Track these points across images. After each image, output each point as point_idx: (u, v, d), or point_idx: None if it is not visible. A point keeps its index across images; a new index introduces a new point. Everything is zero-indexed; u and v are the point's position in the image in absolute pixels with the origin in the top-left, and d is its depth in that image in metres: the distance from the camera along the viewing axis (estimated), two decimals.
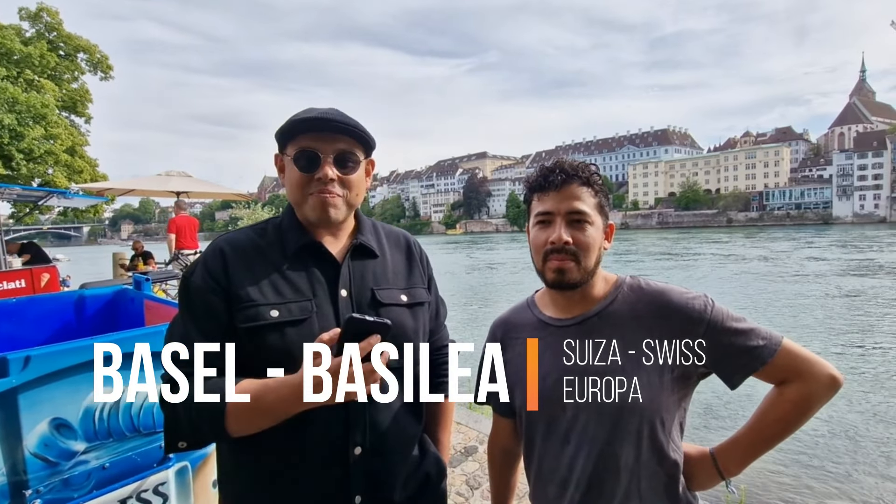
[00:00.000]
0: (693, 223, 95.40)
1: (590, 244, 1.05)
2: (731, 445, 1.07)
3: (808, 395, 0.98)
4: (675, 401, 1.04)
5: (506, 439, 1.28)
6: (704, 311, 1.02)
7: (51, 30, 18.26)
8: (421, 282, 1.21)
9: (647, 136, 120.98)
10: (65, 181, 16.57)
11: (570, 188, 1.06)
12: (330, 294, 1.05)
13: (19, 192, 8.31)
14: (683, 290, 1.06)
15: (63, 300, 2.66)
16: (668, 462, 1.03)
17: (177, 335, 0.99)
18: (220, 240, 1.08)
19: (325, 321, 1.01)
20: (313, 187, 1.04)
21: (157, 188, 9.33)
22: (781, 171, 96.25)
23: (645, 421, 1.01)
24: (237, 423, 0.90)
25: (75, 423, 1.51)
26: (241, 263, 1.03)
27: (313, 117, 1.03)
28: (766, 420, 1.03)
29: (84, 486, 1.55)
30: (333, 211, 1.06)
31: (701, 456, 1.09)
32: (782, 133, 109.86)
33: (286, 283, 1.02)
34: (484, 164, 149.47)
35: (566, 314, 1.12)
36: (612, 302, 1.09)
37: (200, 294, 1.00)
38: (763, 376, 1.02)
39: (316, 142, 1.04)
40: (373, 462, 1.03)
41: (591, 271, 1.07)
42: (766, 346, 0.99)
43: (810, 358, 0.99)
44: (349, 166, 1.07)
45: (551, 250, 1.05)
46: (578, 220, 1.05)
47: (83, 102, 19.80)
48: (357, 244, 1.12)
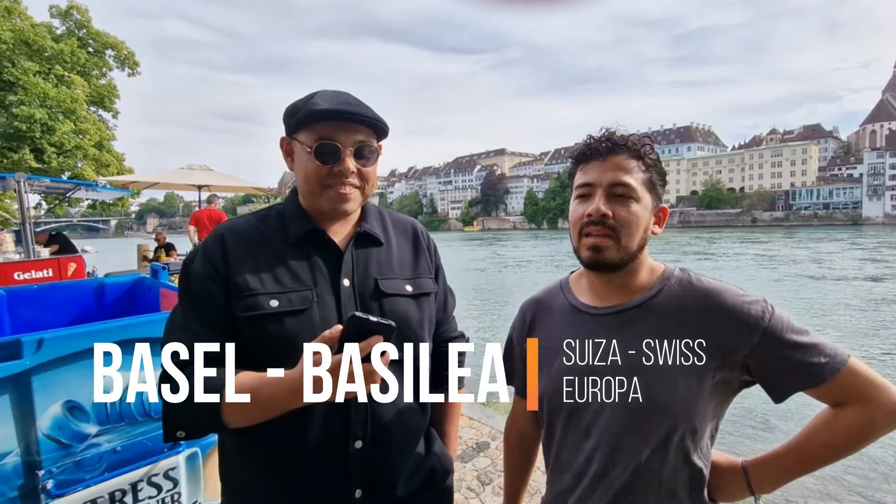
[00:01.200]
0: (716, 222, 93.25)
1: (632, 222, 0.95)
2: (767, 461, 0.98)
3: (869, 421, 0.88)
4: (712, 408, 0.95)
5: (524, 423, 1.23)
6: (762, 317, 0.91)
7: (80, 27, 18.74)
8: (428, 271, 1.18)
9: (670, 133, 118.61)
10: (93, 174, 17.02)
11: (616, 158, 0.96)
12: (332, 283, 1.02)
13: (48, 184, 8.56)
14: (741, 292, 0.95)
15: (84, 287, 2.72)
16: (693, 470, 0.96)
17: (177, 324, 0.98)
18: (222, 227, 1.06)
19: (326, 311, 0.99)
20: (331, 179, 1.01)
21: (180, 182, 9.52)
22: (809, 170, 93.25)
23: (675, 425, 0.93)
24: (234, 416, 0.89)
25: (88, 407, 1.53)
26: (241, 251, 1.01)
27: (335, 109, 0.98)
28: (813, 442, 0.93)
29: (96, 468, 1.57)
30: (349, 204, 1.04)
31: (731, 467, 1.01)
32: (810, 130, 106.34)
33: (287, 272, 1.00)
34: (502, 161, 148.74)
35: (603, 302, 1.03)
36: (657, 294, 0.99)
37: (199, 282, 0.98)
38: (819, 395, 0.92)
39: (336, 132, 1.00)
40: (374, 456, 1.01)
41: (633, 254, 0.97)
42: (828, 364, 0.89)
43: (877, 381, 0.89)
44: (368, 157, 1.04)
45: (588, 223, 0.96)
46: (622, 195, 0.95)
47: (111, 98, 20.31)
48: (361, 232, 1.09)
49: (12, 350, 1.38)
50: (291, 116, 1.03)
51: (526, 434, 1.24)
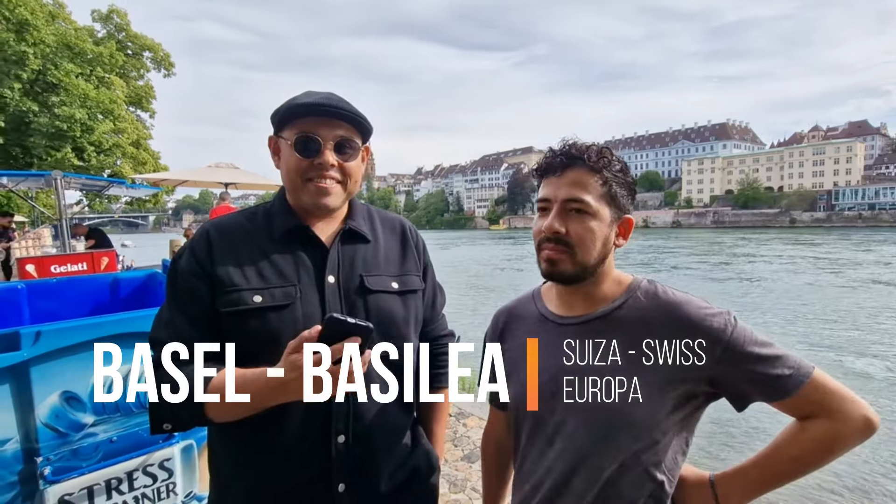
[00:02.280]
0: (752, 223, 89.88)
1: (586, 237, 0.95)
2: (735, 475, 0.96)
3: (835, 435, 0.87)
4: (677, 421, 0.94)
5: (500, 432, 1.22)
6: (724, 330, 0.91)
7: (120, 30, 19.59)
8: (415, 269, 1.18)
9: (704, 130, 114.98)
10: (131, 172, 17.77)
11: (572, 173, 0.96)
12: (316, 280, 1.03)
13: (84, 181, 8.97)
14: (704, 304, 0.95)
15: (99, 282, 2.83)
16: (655, 483, 0.95)
17: (163, 320, 1.01)
18: (208, 224, 1.08)
19: (309, 307, 1.00)
20: (312, 173, 1.03)
21: (206, 179, 9.79)
22: (854, 169, 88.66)
23: (635, 436, 0.93)
24: (215, 412, 0.92)
25: (84, 397, 1.60)
26: (226, 247, 1.02)
27: (315, 102, 1.01)
28: (780, 455, 0.92)
29: (92, 456, 1.63)
30: (330, 198, 1.05)
31: (698, 481, 0.99)
32: (856, 127, 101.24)
33: (271, 268, 1.02)
34: (529, 159, 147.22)
35: (569, 311, 1.04)
36: (621, 306, 0.99)
37: (185, 278, 1.01)
38: (784, 408, 0.91)
39: (316, 127, 1.02)
40: (357, 451, 1.01)
41: (591, 268, 0.98)
42: (792, 376, 0.88)
43: (843, 394, 0.88)
44: (348, 153, 1.05)
45: (544, 238, 0.97)
46: (577, 210, 0.95)
47: (147, 98, 21.18)
48: (347, 229, 1.10)
49: (11, 342, 1.45)
50: (276, 115, 1.05)
51: (502, 443, 1.23)
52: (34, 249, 10.34)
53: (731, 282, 20.87)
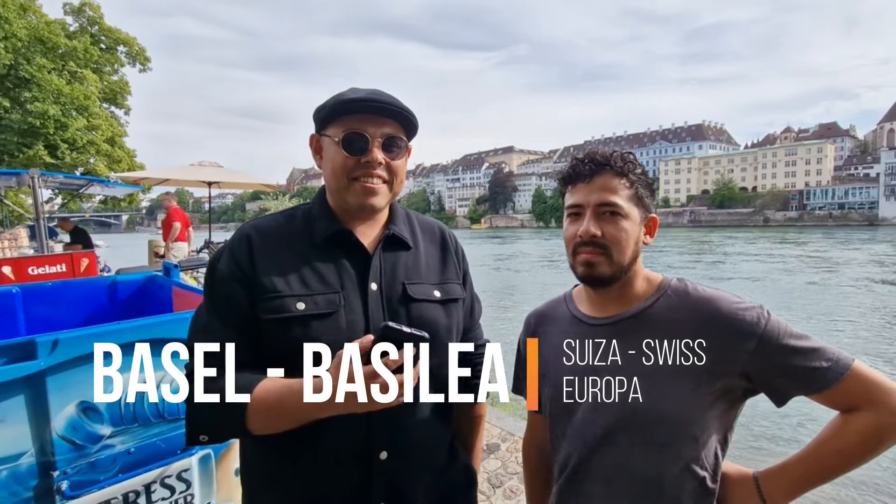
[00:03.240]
0: (727, 222, 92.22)
1: (621, 238, 0.98)
2: (779, 471, 0.97)
3: (880, 427, 0.88)
4: (715, 418, 0.95)
5: (541, 438, 1.21)
6: (757, 323, 0.92)
7: (93, 24, 18.95)
8: (456, 276, 1.15)
9: (681, 131, 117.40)
10: (105, 170, 17.25)
11: (601, 179, 1.00)
12: (359, 287, 1.00)
13: (62, 179, 8.66)
14: (736, 299, 0.97)
15: (96, 285, 2.73)
16: (697, 480, 0.95)
17: (200, 325, 0.97)
18: (248, 226, 1.04)
19: (352, 315, 0.97)
20: (359, 171, 0.99)
21: (190, 178, 9.56)
22: (824, 169, 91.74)
23: (674, 434, 0.94)
24: (258, 422, 0.87)
25: (102, 408, 1.52)
26: (267, 251, 0.99)
27: (362, 98, 0.97)
28: (825, 450, 0.93)
29: (110, 469, 1.56)
30: (377, 198, 1.01)
31: (742, 478, 1.00)
32: (826, 129, 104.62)
33: (313, 274, 0.98)
34: (510, 159, 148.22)
35: (601, 312, 1.06)
36: (653, 304, 1.02)
37: (224, 282, 0.97)
38: (825, 401, 0.92)
39: (364, 124, 0.98)
40: (397, 467, 0.98)
41: (626, 267, 1.01)
42: (830, 368, 0.89)
43: (885, 385, 0.88)
44: (395, 151, 1.02)
45: (580, 242, 1.00)
46: (611, 213, 0.99)
47: (123, 94, 20.55)
48: (390, 234, 1.07)
49: (27, 350, 1.37)
50: (320, 112, 1.02)
51: (544, 448, 1.21)
52: (10, 251, 9.93)
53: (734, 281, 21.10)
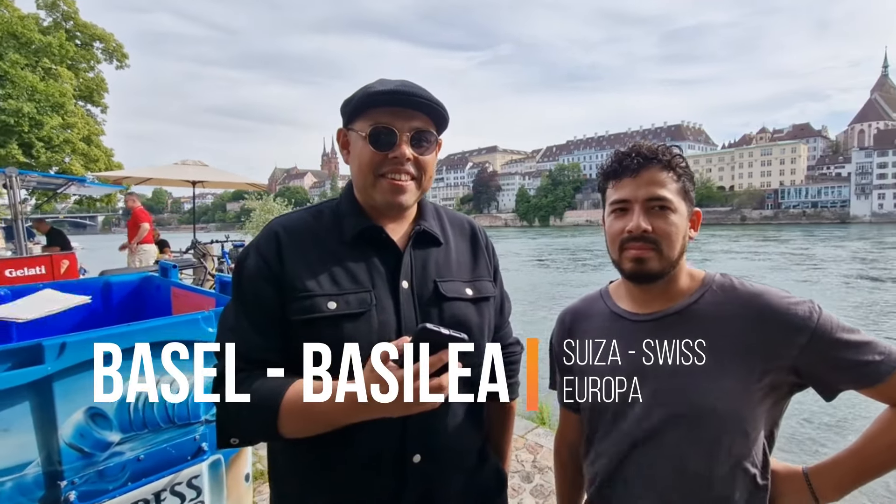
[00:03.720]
0: (705, 221, 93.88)
1: (672, 232, 0.96)
2: (830, 467, 0.97)
3: None
4: (763, 412, 0.94)
5: (574, 436, 1.19)
6: (810, 318, 0.91)
7: (67, 19, 18.38)
8: (487, 273, 1.12)
9: (661, 131, 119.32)
10: (81, 170, 16.76)
11: (648, 173, 0.97)
12: (390, 285, 0.96)
13: (39, 179, 8.37)
14: (785, 294, 0.95)
15: (89, 287, 2.63)
16: (748, 476, 0.94)
17: (228, 324, 0.93)
18: (275, 223, 1.00)
19: (384, 315, 0.93)
20: (386, 167, 0.95)
21: (174, 177, 9.35)
22: (798, 169, 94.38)
23: (724, 431, 0.92)
24: (290, 426, 0.84)
25: (110, 413, 1.46)
26: (296, 249, 0.95)
27: (390, 90, 0.93)
28: (877, 444, 0.93)
29: (119, 477, 1.50)
30: (405, 196, 0.97)
31: (792, 475, 0.99)
32: (800, 129, 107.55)
33: (344, 272, 0.94)
34: (494, 159, 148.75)
35: (644, 308, 1.04)
36: (698, 300, 1.00)
37: (252, 281, 0.93)
38: (877, 395, 0.91)
39: (392, 117, 0.94)
40: (430, 470, 0.95)
41: (674, 262, 0.99)
42: (883, 362, 0.89)
43: None
44: (424, 146, 0.98)
45: (629, 238, 0.97)
46: (660, 207, 0.96)
47: (99, 92, 19.98)
48: (420, 231, 1.03)
49: (34, 355, 1.31)
50: (348, 105, 0.98)
51: (575, 447, 1.20)
52: None
53: None
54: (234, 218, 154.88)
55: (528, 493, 2.99)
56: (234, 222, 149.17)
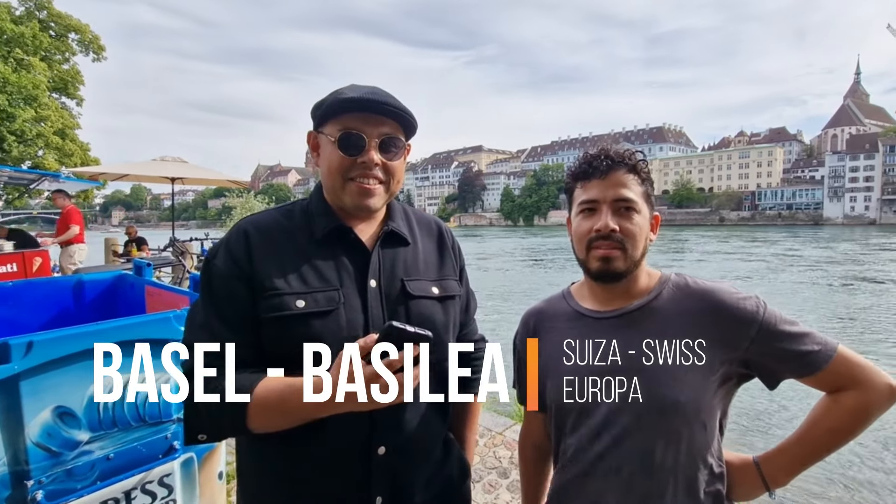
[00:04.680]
0: (685, 221, 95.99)
1: (636, 233, 1.01)
2: (778, 454, 1.03)
3: (866, 404, 0.94)
4: (717, 402, 1.00)
5: (538, 435, 1.23)
6: (757, 312, 0.97)
7: (41, 8, 17.88)
8: (453, 273, 1.15)
9: (643, 133, 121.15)
10: (55, 164, 16.32)
11: (616, 175, 1.02)
12: (358, 284, 0.99)
13: (10, 174, 8.14)
14: (734, 290, 1.01)
15: (61, 285, 2.58)
16: (707, 466, 0.99)
17: (197, 322, 0.94)
18: (245, 221, 1.02)
19: (352, 313, 0.96)
20: (355, 172, 0.98)
21: (152, 173, 9.19)
22: (774, 172, 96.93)
23: (685, 422, 0.97)
24: (260, 421, 0.86)
25: (79, 412, 1.45)
26: (266, 248, 0.97)
27: (360, 97, 0.95)
28: (818, 429, 0.99)
29: (88, 476, 1.49)
30: (373, 199, 1.00)
31: (743, 464, 1.05)
32: (776, 133, 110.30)
33: (312, 271, 0.96)
34: (479, 158, 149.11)
35: (606, 306, 1.08)
36: (656, 297, 1.05)
37: (223, 279, 0.94)
38: (815, 383, 0.98)
39: (361, 123, 0.97)
40: (396, 462, 0.98)
41: (638, 262, 1.03)
42: (820, 351, 0.95)
43: (867, 365, 0.95)
44: (393, 151, 1.01)
45: (596, 237, 1.01)
46: (626, 208, 1.01)
47: (74, 84, 19.49)
48: (388, 231, 1.06)
49: (0, 354, 1.29)
50: (318, 109, 1.00)
51: (541, 446, 1.23)
52: None
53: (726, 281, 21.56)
54: (216, 215, 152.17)
55: (504, 488, 3.04)
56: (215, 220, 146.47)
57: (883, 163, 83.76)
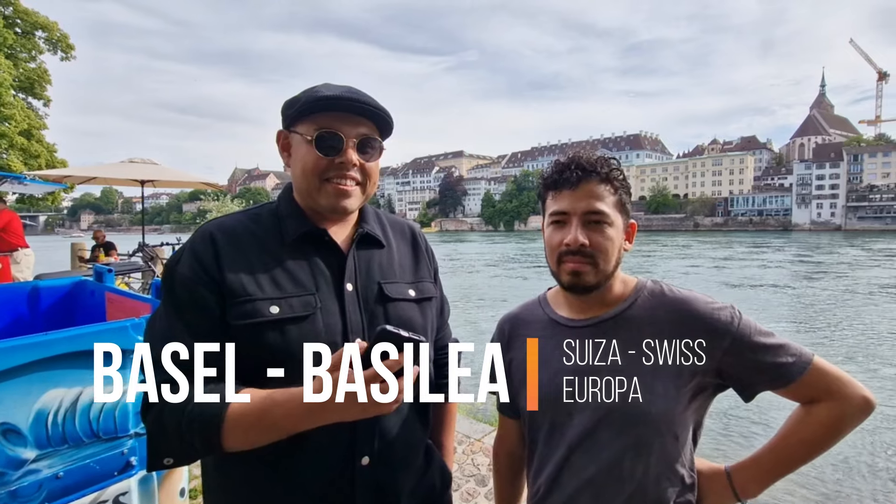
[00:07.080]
0: (661, 227, 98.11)
1: (608, 247, 0.98)
2: (750, 464, 1.01)
3: (840, 416, 0.94)
4: (691, 414, 0.98)
5: (512, 442, 1.21)
6: (731, 322, 0.96)
7: (6, 4, 17.25)
8: (428, 275, 1.13)
9: (620, 140, 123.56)
10: (20, 166, 15.71)
11: (587, 186, 0.98)
12: (335, 288, 0.95)
13: None
14: (709, 300, 1.00)
15: (15, 291, 2.45)
16: (678, 477, 0.98)
17: (158, 333, 0.87)
18: (210, 224, 0.96)
19: (330, 317, 0.92)
20: (331, 172, 0.94)
21: (121, 176, 8.89)
22: (745, 179, 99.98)
23: (656, 432, 0.96)
24: (236, 438, 0.79)
25: (25, 429, 1.36)
26: (234, 252, 0.91)
27: (338, 96, 0.92)
28: (791, 440, 0.97)
29: (34, 497, 1.39)
30: (350, 200, 0.97)
31: (715, 473, 1.04)
32: (747, 142, 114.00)
33: (286, 275, 0.92)
34: (460, 163, 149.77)
35: (580, 315, 1.06)
36: (631, 306, 1.03)
37: (187, 286, 0.88)
38: (789, 394, 0.97)
39: (339, 123, 0.93)
40: (379, 473, 0.95)
41: (610, 274, 1.01)
42: (795, 363, 0.94)
43: (842, 377, 0.95)
44: (370, 152, 0.98)
45: (566, 252, 0.99)
46: (597, 221, 0.98)
47: (41, 83, 18.83)
48: (363, 233, 1.03)
49: None
50: (291, 107, 0.95)
51: (514, 453, 1.22)
52: None
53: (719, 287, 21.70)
54: (191, 219, 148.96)
55: (482, 496, 3.00)
56: (190, 224, 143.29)
57: (847, 171, 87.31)
